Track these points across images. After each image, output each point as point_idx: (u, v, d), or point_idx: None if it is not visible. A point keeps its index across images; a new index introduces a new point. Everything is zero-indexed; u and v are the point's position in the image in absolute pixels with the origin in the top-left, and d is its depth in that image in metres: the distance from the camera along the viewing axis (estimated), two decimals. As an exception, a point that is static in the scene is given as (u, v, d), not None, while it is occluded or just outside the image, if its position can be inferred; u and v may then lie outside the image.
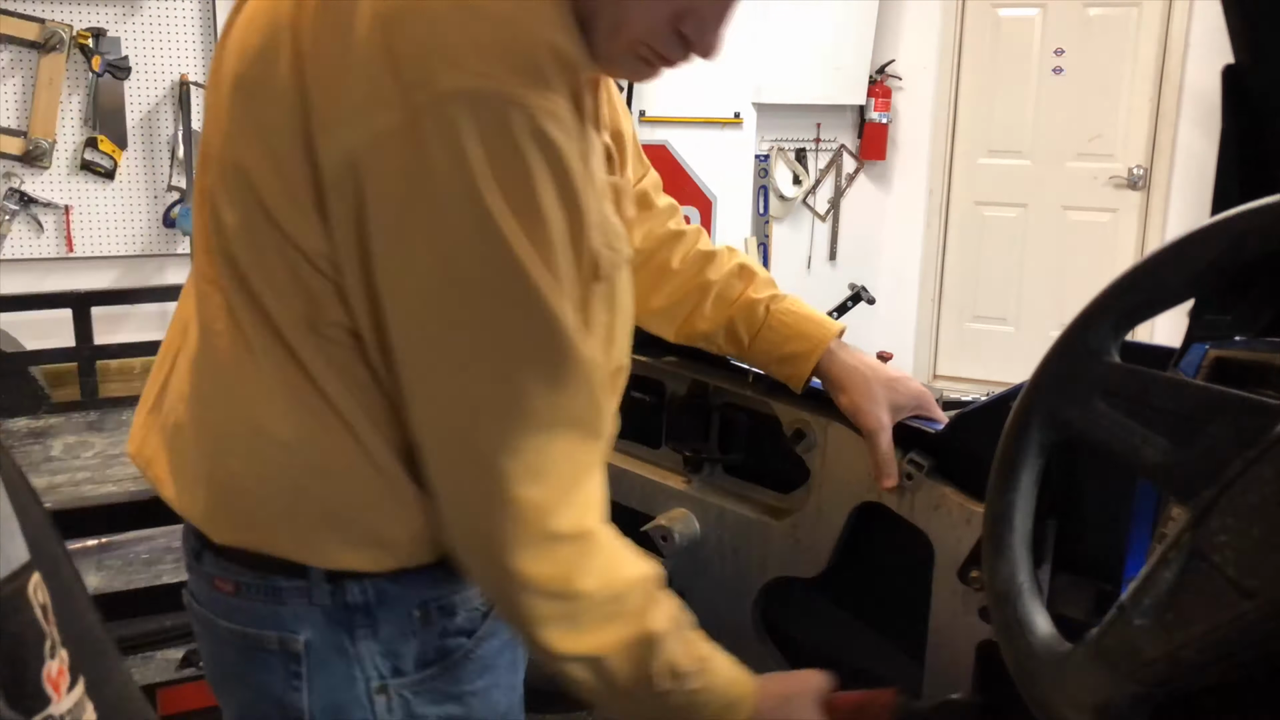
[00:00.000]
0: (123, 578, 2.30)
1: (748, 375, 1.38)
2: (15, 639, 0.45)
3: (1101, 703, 0.77)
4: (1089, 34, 5.04)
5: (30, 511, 0.49)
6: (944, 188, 5.45)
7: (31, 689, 0.45)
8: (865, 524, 1.29)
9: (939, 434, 1.21)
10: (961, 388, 5.15)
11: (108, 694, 0.51)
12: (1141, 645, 0.74)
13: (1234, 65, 1.05)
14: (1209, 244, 0.76)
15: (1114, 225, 5.15)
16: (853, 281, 3.87)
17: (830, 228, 5.51)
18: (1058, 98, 5.14)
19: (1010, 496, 0.88)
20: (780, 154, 5.28)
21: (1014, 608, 0.86)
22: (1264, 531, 0.69)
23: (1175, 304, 0.80)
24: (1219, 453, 0.73)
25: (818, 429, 1.29)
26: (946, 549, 1.18)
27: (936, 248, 5.52)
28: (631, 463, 1.53)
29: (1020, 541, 0.88)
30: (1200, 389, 0.77)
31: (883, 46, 5.26)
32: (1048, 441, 0.87)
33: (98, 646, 0.52)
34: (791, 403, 1.32)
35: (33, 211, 3.89)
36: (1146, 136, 5.01)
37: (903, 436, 1.23)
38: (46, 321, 3.60)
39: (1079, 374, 0.83)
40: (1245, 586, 0.69)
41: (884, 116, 5.33)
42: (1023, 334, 5.37)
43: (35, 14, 3.77)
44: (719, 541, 1.42)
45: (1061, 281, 5.22)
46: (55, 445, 3.17)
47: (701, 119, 4.96)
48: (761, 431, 1.41)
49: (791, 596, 1.41)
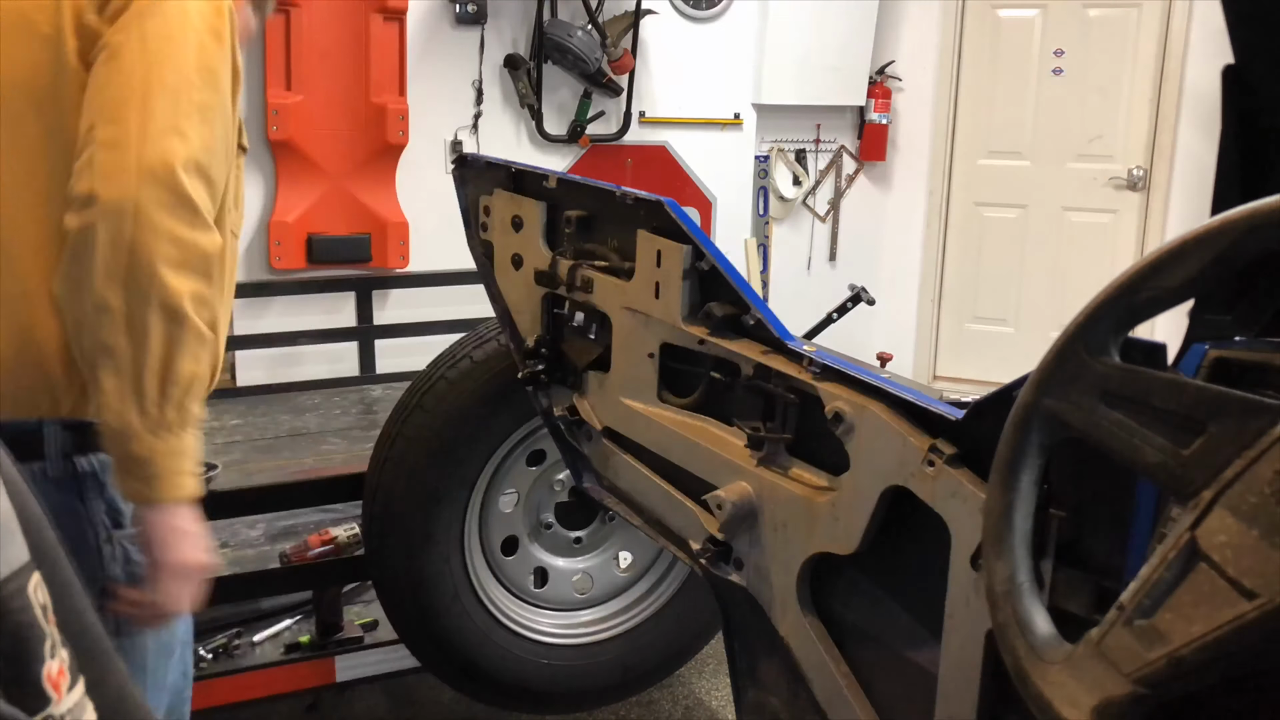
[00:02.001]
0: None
1: (803, 359, 1.46)
2: (15, 639, 0.45)
3: (1101, 703, 0.77)
4: (1089, 35, 5.04)
5: (30, 511, 0.49)
6: (944, 188, 5.45)
7: (32, 689, 0.45)
8: (896, 507, 1.34)
9: (960, 421, 1.22)
10: (961, 388, 5.16)
11: (107, 694, 0.51)
12: (1141, 645, 0.74)
13: (1234, 65, 1.05)
14: (1209, 244, 0.76)
15: (1114, 226, 5.15)
16: (853, 282, 3.85)
17: (830, 228, 5.51)
18: (1058, 98, 5.14)
19: (1010, 496, 0.88)
20: (780, 155, 5.28)
21: (1013, 607, 0.86)
22: (1264, 531, 0.69)
23: (1175, 304, 0.80)
24: (1219, 453, 0.73)
25: (853, 411, 1.35)
26: (962, 536, 1.20)
27: (936, 248, 5.52)
28: (706, 438, 1.66)
29: (1020, 541, 0.88)
30: (1200, 389, 0.77)
31: (883, 47, 5.26)
32: (1048, 441, 0.87)
33: (98, 646, 0.52)
34: (834, 385, 1.39)
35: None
36: (1146, 137, 5.01)
37: (926, 423, 1.27)
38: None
39: (1079, 374, 0.83)
40: (1245, 586, 0.69)
41: (884, 117, 5.33)
42: (1023, 334, 5.37)
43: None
44: (772, 515, 1.52)
45: (1061, 282, 5.22)
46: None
47: (701, 120, 4.96)
48: (813, 414, 1.46)
49: (838, 572, 1.49)
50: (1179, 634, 0.72)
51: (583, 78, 4.57)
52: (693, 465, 1.69)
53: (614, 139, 4.77)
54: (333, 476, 2.45)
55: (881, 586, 1.44)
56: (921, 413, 1.28)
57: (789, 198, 5.32)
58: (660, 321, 1.69)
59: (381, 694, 2.83)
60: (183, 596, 1.26)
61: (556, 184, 1.87)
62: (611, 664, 2.38)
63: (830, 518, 1.42)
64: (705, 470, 1.65)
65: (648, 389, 1.77)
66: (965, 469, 1.21)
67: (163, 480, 1.19)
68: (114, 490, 1.24)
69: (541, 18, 4.43)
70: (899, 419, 1.30)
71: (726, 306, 1.58)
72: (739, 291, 1.57)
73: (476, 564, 2.25)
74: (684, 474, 1.72)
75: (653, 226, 1.68)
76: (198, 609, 1.30)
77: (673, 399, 1.76)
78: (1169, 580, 0.74)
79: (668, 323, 1.66)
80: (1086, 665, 0.78)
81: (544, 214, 1.90)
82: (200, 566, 1.26)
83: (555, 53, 4.46)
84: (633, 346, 1.77)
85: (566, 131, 4.68)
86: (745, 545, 1.59)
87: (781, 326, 1.52)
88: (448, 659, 2.22)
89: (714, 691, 2.80)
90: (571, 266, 1.84)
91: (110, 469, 1.22)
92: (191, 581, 1.26)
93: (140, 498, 1.21)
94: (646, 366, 1.76)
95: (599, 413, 1.89)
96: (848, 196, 5.51)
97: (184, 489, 1.21)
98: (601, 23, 4.48)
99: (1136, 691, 0.75)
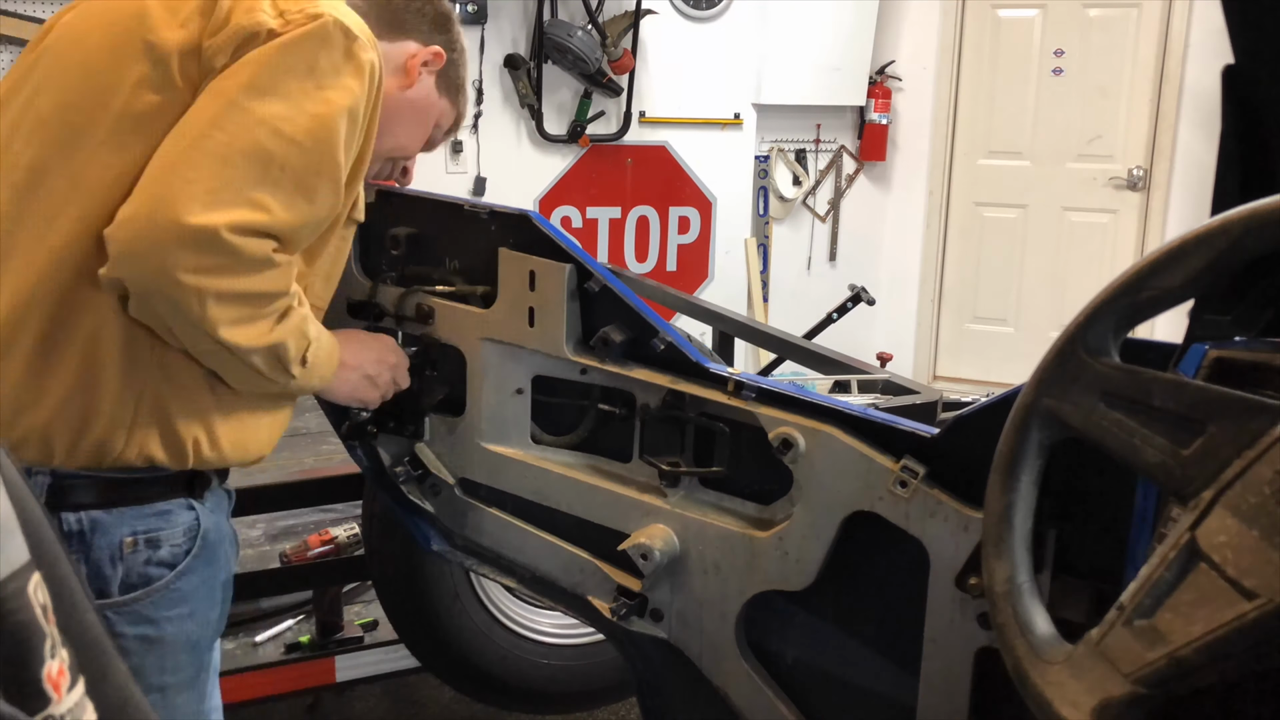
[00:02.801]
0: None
1: (726, 383, 1.34)
2: (15, 639, 0.45)
3: (1101, 703, 0.76)
4: (1089, 35, 5.04)
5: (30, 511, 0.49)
6: (944, 189, 5.45)
7: (32, 689, 0.45)
8: (854, 533, 1.27)
9: (933, 439, 1.19)
10: (961, 388, 5.15)
11: (108, 694, 0.51)
12: (1141, 646, 0.74)
13: (1234, 65, 1.05)
14: (1209, 244, 0.76)
15: (1114, 226, 5.15)
16: (852, 282, 3.85)
17: (830, 229, 5.51)
18: (1057, 99, 5.14)
19: (1010, 496, 0.88)
20: (780, 155, 5.28)
21: (1013, 608, 0.86)
22: (1264, 531, 0.69)
23: (1175, 304, 0.80)
24: (1219, 453, 0.73)
25: (806, 437, 1.26)
26: (943, 556, 1.17)
27: (936, 248, 5.52)
28: (602, 478, 1.50)
29: (1020, 542, 0.88)
30: (1200, 389, 0.77)
31: (883, 47, 5.26)
32: (1048, 441, 0.87)
33: (98, 646, 0.52)
34: (776, 409, 1.29)
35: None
36: (1146, 137, 5.01)
37: (895, 441, 1.21)
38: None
39: (1079, 374, 0.83)
40: (1245, 586, 0.69)
41: (884, 117, 5.33)
42: (1022, 335, 5.36)
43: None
44: (700, 557, 1.39)
45: (1061, 282, 5.22)
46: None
47: (701, 120, 4.96)
48: (740, 441, 1.38)
49: (771, 609, 1.38)
50: (1179, 634, 0.72)
51: (583, 78, 4.57)
52: (588, 511, 1.51)
53: (614, 139, 4.77)
54: (333, 476, 2.44)
55: (831, 619, 1.35)
56: (885, 432, 1.21)
57: (789, 198, 5.32)
58: (534, 353, 1.50)
59: (381, 694, 2.83)
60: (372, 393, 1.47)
61: (375, 196, 1.55)
62: (611, 664, 2.38)
63: (777, 552, 1.31)
64: (606, 516, 1.49)
65: (518, 430, 1.57)
66: (943, 488, 1.16)
67: (321, 382, 1.34)
68: (104, 554, 1.19)
69: (541, 18, 4.43)
70: (859, 441, 1.23)
71: (624, 331, 1.42)
72: (640, 314, 1.41)
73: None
74: (573, 522, 1.53)
75: (515, 243, 1.48)
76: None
77: (548, 438, 1.58)
78: (1169, 580, 0.74)
79: (546, 353, 1.48)
80: (1086, 665, 0.78)
81: (354, 234, 1.48)
82: (374, 384, 1.46)
83: (555, 53, 4.46)
84: (496, 383, 1.56)
85: (566, 131, 4.68)
86: (665, 594, 1.43)
87: (694, 350, 1.39)
88: (448, 659, 2.22)
89: (714, 691, 2.80)
90: (402, 295, 1.58)
91: (101, 529, 1.18)
92: (377, 380, 1.47)
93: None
94: (516, 404, 1.56)
95: (450, 462, 1.64)
96: (848, 196, 5.51)
97: (331, 374, 1.35)
98: (601, 23, 4.48)
99: (1136, 691, 0.75)
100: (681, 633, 1.44)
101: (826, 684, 1.36)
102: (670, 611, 1.44)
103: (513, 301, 1.49)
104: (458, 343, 1.57)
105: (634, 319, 1.42)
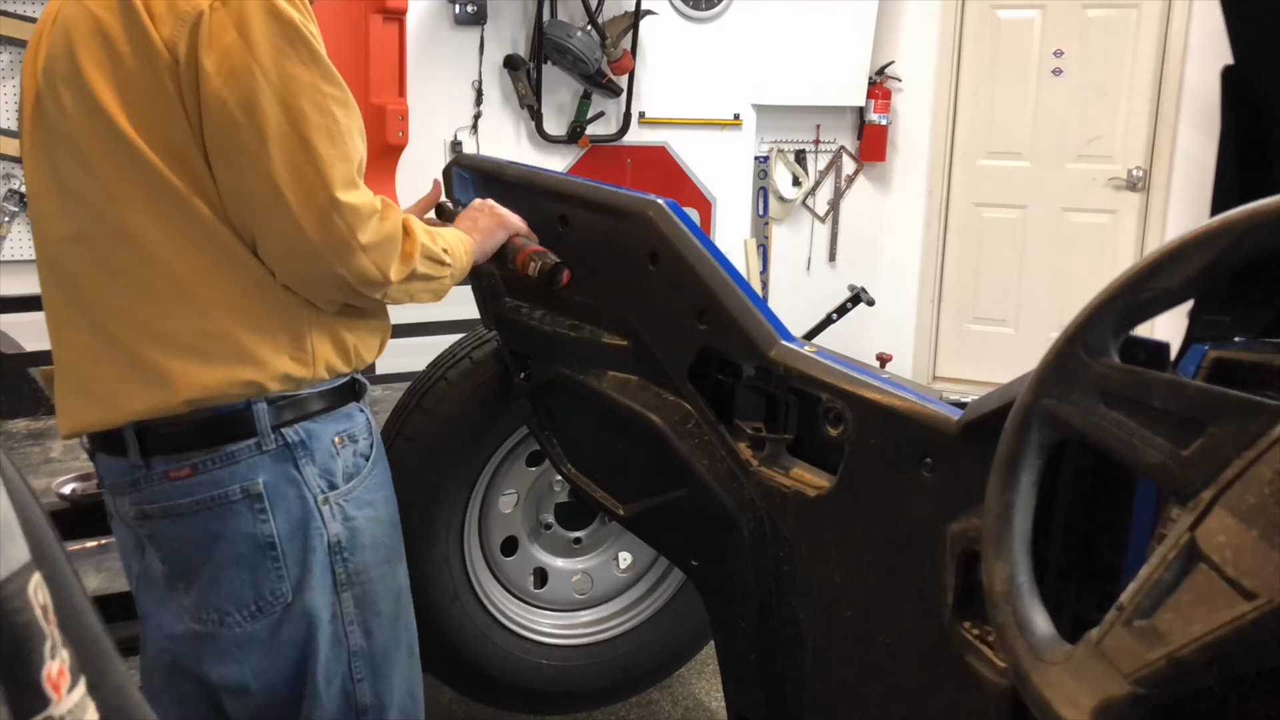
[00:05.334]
0: (123, 578, 2.30)
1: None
2: (15, 639, 0.45)
3: (1101, 703, 0.76)
4: (1088, 35, 5.04)
5: (30, 511, 0.49)
6: (943, 189, 5.45)
7: (32, 689, 0.45)
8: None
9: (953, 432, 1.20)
10: (961, 389, 5.15)
11: (108, 694, 0.51)
12: (1141, 646, 0.74)
13: (1233, 66, 1.05)
14: (1209, 244, 0.76)
15: (1113, 227, 5.15)
16: (852, 283, 3.86)
17: (830, 229, 5.51)
18: (1057, 99, 5.14)
19: (1010, 496, 0.88)
20: (780, 155, 5.28)
21: (1013, 607, 0.86)
22: (1263, 532, 0.69)
23: (1175, 304, 0.80)
24: (1219, 453, 0.73)
25: (847, 407, 1.34)
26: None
27: (936, 249, 5.52)
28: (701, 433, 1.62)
29: (1020, 541, 0.88)
30: (1200, 389, 0.77)
31: (882, 48, 5.26)
32: (1048, 441, 0.87)
33: (98, 647, 0.52)
34: (828, 378, 1.38)
35: (32, 213, 3.89)
36: (1146, 138, 5.01)
37: (920, 435, 1.25)
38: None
39: (1079, 374, 0.83)
40: (1245, 587, 0.69)
41: (883, 118, 5.33)
42: (1022, 335, 5.36)
43: (35, 15, 3.77)
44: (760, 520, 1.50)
45: (1061, 283, 5.22)
46: (55, 446, 3.16)
47: (701, 120, 4.96)
48: (810, 413, 1.45)
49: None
50: (1178, 634, 0.72)
51: (582, 78, 4.57)
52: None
53: (614, 139, 4.77)
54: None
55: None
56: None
57: (789, 198, 5.32)
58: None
59: (381, 694, 2.82)
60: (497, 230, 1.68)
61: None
62: (611, 664, 2.38)
63: (824, 518, 1.42)
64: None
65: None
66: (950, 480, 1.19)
67: (465, 249, 1.55)
68: (325, 454, 1.41)
69: (541, 18, 4.43)
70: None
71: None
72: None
73: (476, 564, 2.25)
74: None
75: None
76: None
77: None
78: (1169, 580, 0.74)
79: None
80: (1086, 665, 0.78)
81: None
82: (501, 224, 1.68)
83: (555, 53, 4.46)
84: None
85: (566, 132, 4.68)
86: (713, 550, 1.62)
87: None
88: (447, 659, 2.22)
89: (714, 692, 2.80)
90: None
91: (315, 436, 1.39)
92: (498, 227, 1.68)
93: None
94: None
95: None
96: (847, 197, 5.51)
97: (458, 238, 1.55)
98: (601, 23, 4.48)
99: (1136, 692, 0.75)
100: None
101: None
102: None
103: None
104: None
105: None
